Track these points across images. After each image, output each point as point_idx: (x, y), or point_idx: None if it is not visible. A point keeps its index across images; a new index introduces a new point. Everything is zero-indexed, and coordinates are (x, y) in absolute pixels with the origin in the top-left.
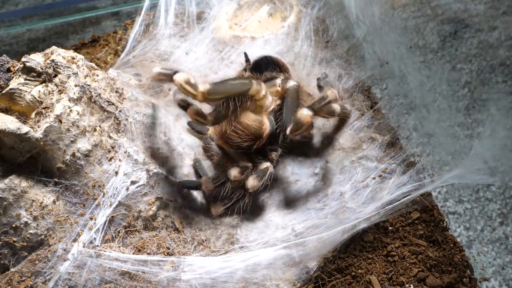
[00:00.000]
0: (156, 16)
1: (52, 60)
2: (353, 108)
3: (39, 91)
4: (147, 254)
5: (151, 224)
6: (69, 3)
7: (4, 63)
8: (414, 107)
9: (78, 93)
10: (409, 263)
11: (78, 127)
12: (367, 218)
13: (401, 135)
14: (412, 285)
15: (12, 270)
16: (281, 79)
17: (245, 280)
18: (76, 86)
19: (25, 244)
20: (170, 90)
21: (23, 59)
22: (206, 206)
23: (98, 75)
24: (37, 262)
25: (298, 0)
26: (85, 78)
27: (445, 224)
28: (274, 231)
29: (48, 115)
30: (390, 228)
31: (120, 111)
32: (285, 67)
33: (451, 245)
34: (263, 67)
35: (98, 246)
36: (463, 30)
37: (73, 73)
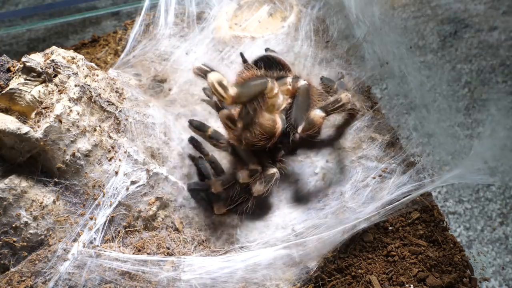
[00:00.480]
0: (156, 16)
1: (52, 60)
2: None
3: (39, 91)
4: (147, 254)
5: (151, 224)
6: (69, 3)
7: (4, 63)
8: (414, 107)
9: (78, 93)
10: (409, 263)
11: (78, 127)
12: (367, 218)
13: (401, 135)
14: (412, 285)
15: (12, 270)
16: (291, 77)
17: (245, 280)
18: (76, 86)
19: (25, 244)
20: (170, 90)
21: (23, 59)
22: (207, 205)
23: (98, 75)
24: (37, 262)
25: (298, 0)
26: (85, 78)
27: (445, 224)
28: (274, 231)
29: (48, 115)
30: (390, 228)
31: (120, 111)
32: (287, 66)
33: (451, 245)
34: (265, 66)
35: (98, 246)
36: (463, 30)
37: (73, 73)
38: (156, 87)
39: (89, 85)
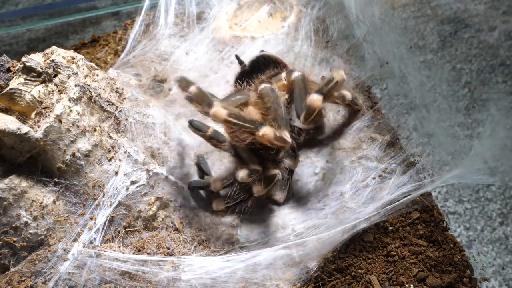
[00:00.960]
0: (156, 16)
1: (52, 60)
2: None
3: (39, 91)
4: (147, 254)
5: (151, 224)
6: (69, 3)
7: (4, 63)
8: (414, 107)
9: (78, 93)
10: (409, 263)
11: (78, 127)
12: (367, 218)
13: (401, 135)
14: (412, 285)
15: (12, 270)
16: (285, 72)
17: (245, 280)
18: (76, 86)
19: (25, 244)
20: (170, 90)
21: (23, 59)
22: (207, 205)
23: (98, 75)
24: (37, 262)
25: (298, 0)
26: (85, 78)
27: (445, 224)
28: (274, 231)
29: (48, 115)
30: (390, 228)
31: (120, 111)
32: (282, 63)
33: (451, 245)
34: (263, 67)
35: (98, 246)
36: (463, 30)
37: (73, 73)
38: (156, 87)
39: (89, 85)
